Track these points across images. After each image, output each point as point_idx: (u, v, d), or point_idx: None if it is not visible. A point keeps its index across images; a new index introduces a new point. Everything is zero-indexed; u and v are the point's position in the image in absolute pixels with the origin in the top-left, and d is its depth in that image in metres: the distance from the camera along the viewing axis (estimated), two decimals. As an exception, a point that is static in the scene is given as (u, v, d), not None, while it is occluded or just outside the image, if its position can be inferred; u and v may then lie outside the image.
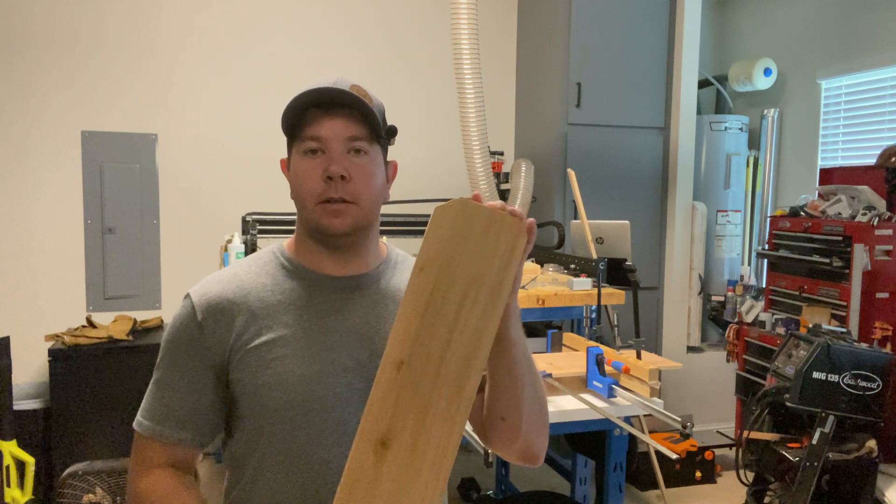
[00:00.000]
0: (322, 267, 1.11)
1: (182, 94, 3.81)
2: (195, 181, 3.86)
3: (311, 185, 1.05)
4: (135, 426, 1.10)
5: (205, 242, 3.83)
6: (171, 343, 1.10)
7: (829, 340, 2.61)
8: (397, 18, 4.15)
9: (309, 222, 1.08)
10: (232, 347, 1.07)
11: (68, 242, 3.68)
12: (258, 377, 1.05)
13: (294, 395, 1.04)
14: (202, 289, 1.10)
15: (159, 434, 1.07)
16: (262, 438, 1.06)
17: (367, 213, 1.08)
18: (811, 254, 3.27)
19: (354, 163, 1.05)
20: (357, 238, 1.10)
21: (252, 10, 3.90)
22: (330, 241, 1.09)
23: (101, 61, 3.68)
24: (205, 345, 1.07)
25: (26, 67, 3.57)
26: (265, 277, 1.11)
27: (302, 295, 1.09)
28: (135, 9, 3.71)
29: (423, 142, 4.19)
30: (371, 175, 1.07)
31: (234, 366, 1.07)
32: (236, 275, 1.12)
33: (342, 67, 3.98)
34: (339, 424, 1.05)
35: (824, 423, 2.54)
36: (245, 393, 1.06)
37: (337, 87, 1.05)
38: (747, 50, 4.51)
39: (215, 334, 1.07)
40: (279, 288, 1.10)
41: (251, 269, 1.13)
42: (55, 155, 3.63)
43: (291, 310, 1.08)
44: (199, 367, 1.07)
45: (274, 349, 1.06)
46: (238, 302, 1.08)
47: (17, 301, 3.60)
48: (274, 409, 1.04)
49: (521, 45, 4.32)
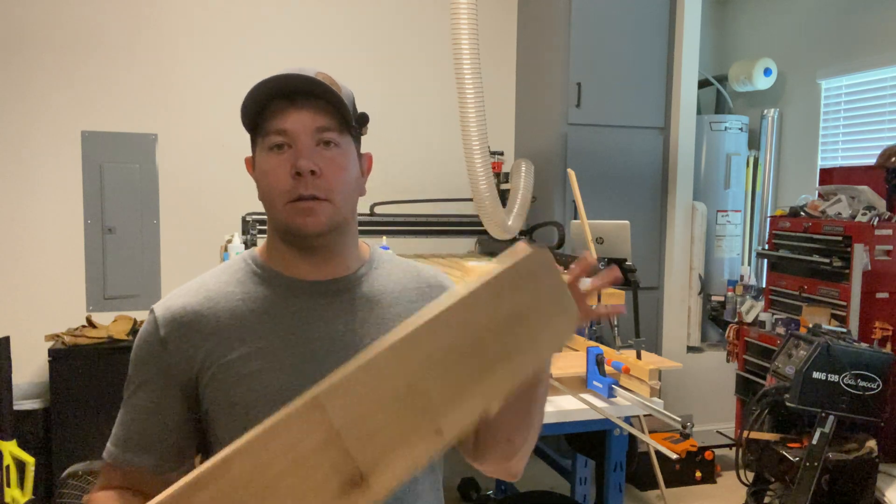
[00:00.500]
0: (297, 271, 1.03)
1: (182, 94, 3.81)
2: (195, 181, 3.86)
3: (278, 183, 0.96)
4: (104, 454, 1.01)
5: (205, 242, 3.83)
6: (134, 362, 1.02)
7: (829, 340, 2.61)
8: (397, 18, 4.15)
9: (279, 223, 1.00)
10: (201, 364, 0.98)
11: (68, 242, 3.68)
12: (233, 395, 0.97)
13: (275, 411, 0.93)
14: (166, 301, 1.02)
15: (122, 461, 0.99)
16: None
17: (342, 210, 0.99)
18: (811, 254, 3.27)
19: (325, 156, 0.97)
20: (333, 238, 1.01)
21: (252, 9, 3.90)
22: (303, 242, 1.00)
23: (101, 61, 3.68)
24: (169, 362, 0.98)
25: (26, 67, 3.57)
26: (235, 286, 1.03)
27: (277, 302, 1.01)
28: (135, 9, 3.71)
29: (422, 142, 4.19)
30: (343, 168, 0.99)
31: (205, 384, 0.98)
32: (204, 284, 1.04)
33: (342, 67, 3.97)
34: None
35: (824, 423, 2.53)
36: (218, 413, 0.98)
37: (302, 74, 0.96)
38: (747, 50, 4.51)
39: (180, 350, 0.98)
40: (251, 296, 1.01)
41: (220, 278, 1.04)
42: (55, 155, 3.63)
43: (266, 319, 1.00)
44: (164, 386, 0.99)
45: (249, 363, 0.97)
46: (206, 314, 0.99)
47: (17, 301, 3.60)
48: (249, 429, 0.94)
49: (521, 45, 4.32)
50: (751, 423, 2.75)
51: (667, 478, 3.42)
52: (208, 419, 1.00)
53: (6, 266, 3.59)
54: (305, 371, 0.97)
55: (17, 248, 3.60)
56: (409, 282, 1.10)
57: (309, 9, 3.99)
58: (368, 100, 4.88)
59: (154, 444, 0.99)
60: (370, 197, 3.90)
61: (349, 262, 1.06)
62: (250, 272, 1.05)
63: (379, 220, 3.71)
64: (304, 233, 0.98)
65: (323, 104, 0.97)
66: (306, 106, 0.97)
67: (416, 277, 1.11)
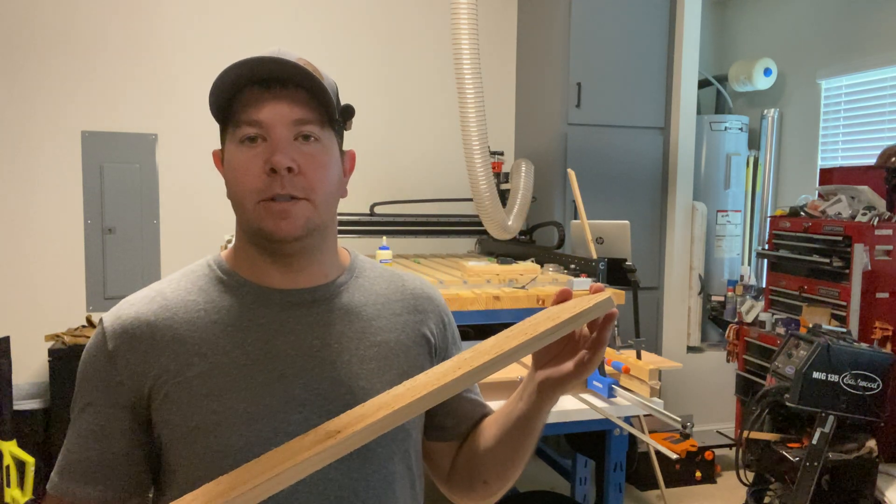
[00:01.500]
0: (267, 279, 0.92)
1: (182, 94, 3.81)
2: (195, 181, 3.85)
3: (250, 180, 0.86)
4: (47, 485, 0.90)
5: (205, 242, 3.82)
6: (80, 379, 0.91)
7: (829, 340, 2.61)
8: (397, 19, 4.15)
9: (249, 225, 0.89)
10: (154, 383, 0.86)
11: (68, 242, 3.67)
12: (190, 418, 0.85)
13: (236, 438, 0.84)
14: (117, 310, 0.90)
15: (63, 491, 0.87)
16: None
17: (322, 213, 0.89)
18: (811, 254, 3.27)
19: (303, 151, 0.87)
20: (309, 243, 0.91)
21: (252, 9, 3.90)
22: (276, 247, 0.90)
23: (101, 61, 3.68)
24: (116, 380, 0.87)
25: (26, 67, 3.57)
26: (196, 294, 0.92)
27: (242, 314, 0.90)
28: (135, 9, 3.71)
29: (422, 142, 4.19)
30: (324, 166, 0.89)
31: (158, 405, 0.86)
32: (160, 292, 0.92)
33: (342, 67, 3.98)
34: None
35: (824, 423, 2.53)
36: (174, 439, 0.86)
37: (280, 58, 0.86)
38: (747, 50, 4.51)
39: (129, 366, 0.87)
40: (214, 306, 0.90)
41: (179, 285, 0.93)
42: (55, 155, 3.63)
43: (230, 332, 0.88)
44: (109, 406, 0.87)
45: (209, 382, 0.86)
46: (160, 325, 0.88)
47: (17, 301, 3.60)
48: (211, 459, 0.84)
49: (521, 45, 4.32)
50: (751, 423, 2.75)
51: (667, 478, 3.42)
52: (161, 445, 0.88)
53: (6, 266, 3.59)
54: (274, 391, 0.87)
55: (17, 248, 3.60)
56: (393, 293, 1.01)
57: (309, 9, 3.99)
58: (368, 100, 4.89)
59: (99, 473, 0.87)
60: (370, 197, 3.90)
61: (327, 270, 0.96)
62: (214, 279, 0.94)
63: (379, 220, 3.71)
64: (277, 237, 0.87)
65: (303, 94, 0.87)
66: (284, 95, 0.86)
67: (401, 288, 1.03)
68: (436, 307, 1.05)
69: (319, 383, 0.89)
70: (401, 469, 0.94)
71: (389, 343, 0.96)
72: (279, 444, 0.77)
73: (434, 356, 1.02)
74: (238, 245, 0.96)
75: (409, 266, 3.50)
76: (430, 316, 1.03)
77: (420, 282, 1.07)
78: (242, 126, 0.87)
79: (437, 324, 1.04)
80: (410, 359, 0.97)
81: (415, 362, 0.97)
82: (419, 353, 0.99)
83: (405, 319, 1.00)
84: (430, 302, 1.05)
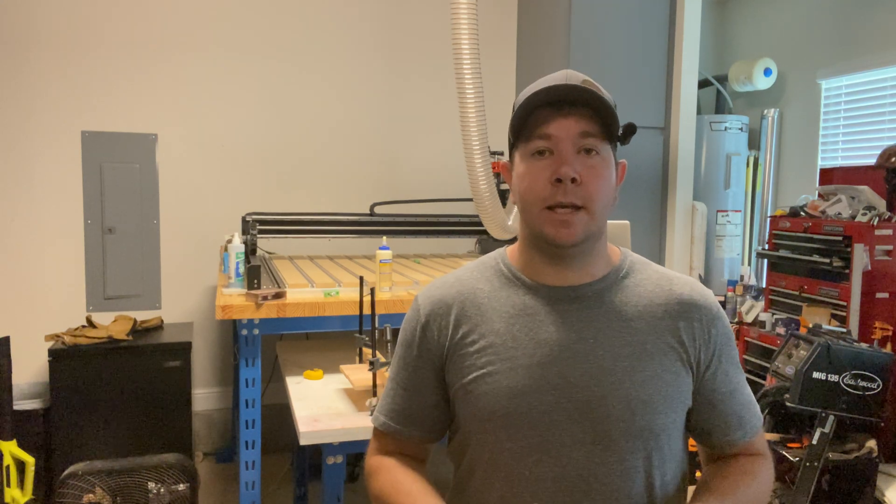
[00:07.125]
0: (540, 276, 1.05)
1: (182, 94, 3.81)
2: (195, 181, 3.86)
3: (537, 188, 0.98)
4: (371, 420, 1.16)
5: (205, 242, 3.83)
6: (400, 343, 1.13)
7: (829, 340, 2.61)
8: (397, 19, 4.15)
9: (533, 229, 1.02)
10: (448, 350, 1.06)
11: (68, 242, 3.68)
12: (468, 384, 1.04)
13: (499, 406, 1.00)
14: (427, 291, 1.12)
15: (391, 430, 1.13)
16: (471, 443, 1.05)
17: (598, 220, 1.00)
18: (811, 254, 3.27)
19: (586, 164, 0.98)
20: (584, 247, 1.02)
21: (252, 9, 3.90)
22: (554, 251, 1.02)
23: (101, 61, 3.68)
24: (426, 346, 1.08)
25: (27, 67, 3.57)
26: (484, 283, 1.09)
27: (516, 304, 1.05)
28: (135, 9, 3.72)
29: (422, 142, 4.19)
30: (603, 177, 1.00)
31: (449, 369, 1.07)
32: (459, 279, 1.12)
33: (342, 67, 3.98)
34: (540, 443, 0.99)
35: (824, 423, 2.53)
36: (457, 397, 1.06)
37: (568, 84, 0.99)
38: (747, 50, 4.51)
39: (435, 336, 1.08)
40: (495, 295, 1.07)
41: (472, 274, 1.11)
42: (55, 155, 3.64)
43: (504, 318, 1.04)
44: (422, 367, 1.09)
45: (483, 357, 1.03)
46: (455, 306, 1.07)
47: (17, 301, 3.60)
48: (480, 419, 1.02)
49: (521, 45, 4.32)
50: (751, 423, 2.74)
51: (667, 478, 3.41)
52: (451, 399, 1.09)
53: (6, 266, 3.59)
54: (533, 373, 1.00)
55: (17, 248, 3.61)
56: (658, 296, 1.06)
57: (309, 10, 3.99)
58: (368, 100, 4.89)
59: (417, 417, 1.11)
60: (370, 197, 3.90)
61: (594, 270, 1.06)
62: (498, 272, 1.10)
63: (379, 220, 3.71)
64: (556, 243, 0.99)
65: (588, 111, 0.99)
66: (572, 113, 0.98)
67: (668, 292, 1.07)
68: (703, 315, 1.06)
69: (572, 373, 1.00)
70: (644, 466, 1.01)
71: (645, 345, 1.02)
72: (533, 419, 0.98)
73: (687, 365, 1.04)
74: (520, 244, 1.10)
75: (408, 266, 3.50)
76: (694, 325, 1.05)
77: (690, 286, 1.10)
78: (534, 140, 1.00)
79: (700, 334, 1.05)
80: (664, 364, 1.02)
81: (668, 367, 1.02)
82: (674, 360, 1.03)
83: (665, 324, 1.04)
84: (698, 310, 1.06)
